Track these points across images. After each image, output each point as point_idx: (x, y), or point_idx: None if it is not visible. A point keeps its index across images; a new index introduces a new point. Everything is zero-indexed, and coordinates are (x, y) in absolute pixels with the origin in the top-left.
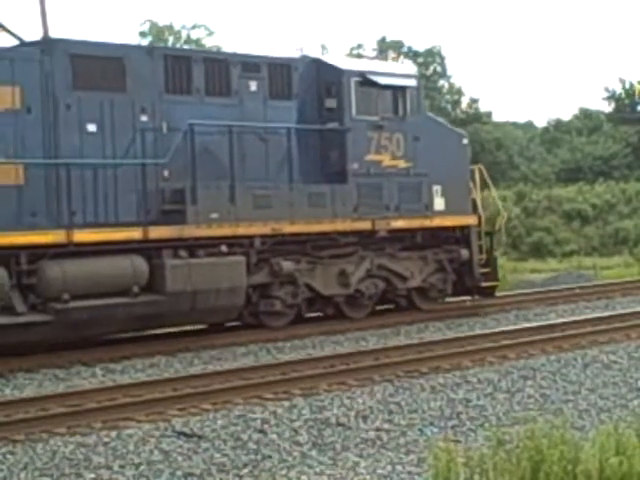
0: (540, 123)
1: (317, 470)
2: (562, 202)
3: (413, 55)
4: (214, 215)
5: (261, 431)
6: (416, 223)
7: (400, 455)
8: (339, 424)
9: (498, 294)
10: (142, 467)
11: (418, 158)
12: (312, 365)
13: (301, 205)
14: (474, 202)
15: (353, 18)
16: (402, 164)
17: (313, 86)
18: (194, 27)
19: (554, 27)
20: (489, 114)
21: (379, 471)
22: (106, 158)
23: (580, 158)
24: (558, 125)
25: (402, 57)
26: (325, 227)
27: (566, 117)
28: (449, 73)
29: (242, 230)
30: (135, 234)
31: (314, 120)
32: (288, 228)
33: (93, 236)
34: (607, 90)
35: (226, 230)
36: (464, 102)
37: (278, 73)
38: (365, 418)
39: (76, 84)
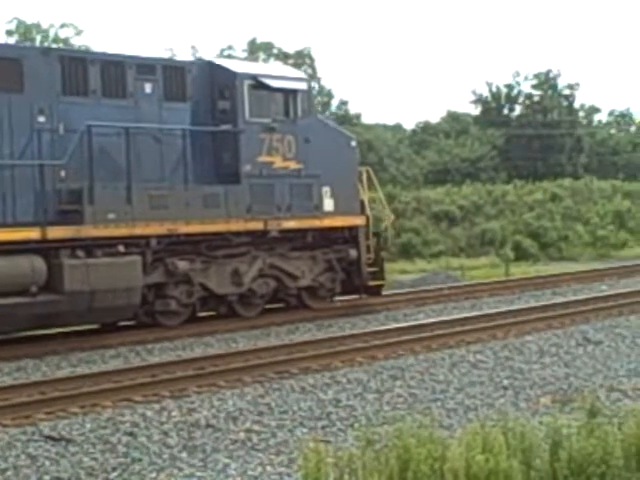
0: (409, 125)
1: (187, 472)
2: (430, 204)
3: (283, 57)
4: (111, 215)
5: (130, 434)
6: (307, 223)
7: (270, 456)
8: (209, 426)
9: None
10: (9, 472)
11: (309, 160)
12: (182, 367)
13: (196, 206)
14: (362, 203)
15: (223, 19)
16: (293, 165)
17: (207, 88)
18: (62, 26)
19: (422, 30)
20: (358, 116)
21: (249, 472)
22: (3, 158)
23: (448, 160)
24: (426, 127)
25: (272, 59)
26: (219, 227)
27: (434, 119)
28: (319, 75)
29: (139, 230)
30: (33, 234)
31: (208, 122)
32: (183, 228)
33: None
34: (474, 93)
35: (123, 230)
36: (334, 104)
37: (172, 75)
38: (235, 419)
39: None
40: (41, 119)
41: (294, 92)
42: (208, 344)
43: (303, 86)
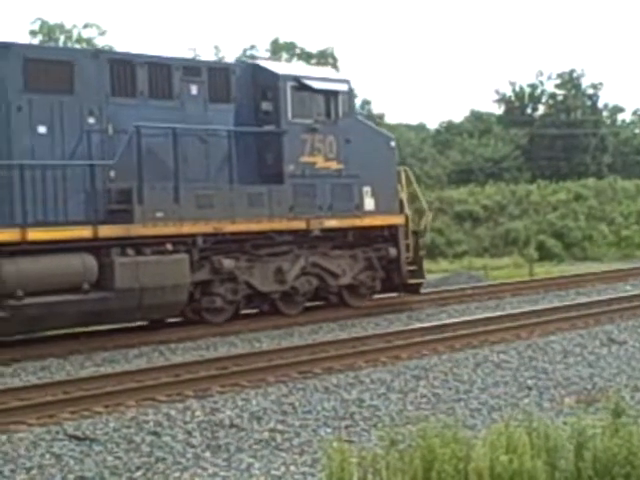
0: (432, 125)
1: (211, 472)
2: (453, 203)
3: (306, 57)
4: (159, 214)
5: (154, 433)
6: (347, 222)
7: (294, 456)
8: (233, 425)
9: (390, 295)
10: (33, 471)
11: (349, 160)
12: (205, 367)
13: (241, 205)
14: (401, 202)
15: (246, 19)
16: (334, 166)
17: (250, 90)
18: (86, 26)
19: (446, 30)
20: (382, 116)
21: (273, 472)
22: (55, 159)
23: (471, 160)
24: (449, 127)
25: (295, 59)
26: (263, 226)
27: (457, 119)
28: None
29: (186, 229)
30: (85, 232)
31: (251, 123)
32: (229, 227)
33: (46, 234)
34: (497, 93)
35: (171, 229)
36: (357, 104)
37: (217, 77)
38: (259, 419)
39: (27, 87)
40: (91, 120)
41: (335, 93)
42: (232, 344)
43: (344, 87)
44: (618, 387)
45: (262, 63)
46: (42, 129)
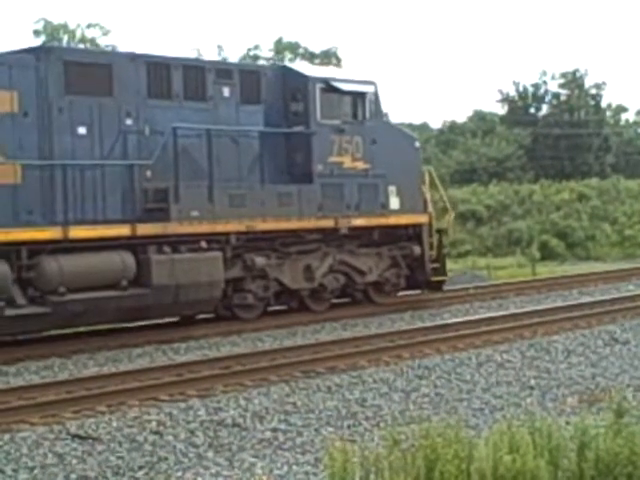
0: (435, 125)
1: (213, 471)
2: (457, 203)
3: (310, 56)
4: (194, 213)
5: (157, 433)
6: (374, 221)
7: (296, 455)
8: (235, 425)
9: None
10: (36, 471)
11: (375, 160)
12: (208, 366)
13: (271, 204)
14: (425, 201)
15: (249, 18)
16: (361, 165)
17: (279, 91)
18: (89, 26)
19: (449, 29)
20: (385, 115)
21: (276, 472)
22: (94, 159)
23: (474, 160)
24: (453, 127)
25: (298, 58)
26: (293, 225)
27: (461, 119)
28: None
29: (220, 227)
30: (124, 231)
31: (280, 124)
32: (260, 225)
33: (87, 232)
34: (501, 93)
35: (205, 227)
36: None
37: (248, 79)
38: (261, 419)
39: (68, 89)
40: (128, 121)
41: (362, 95)
42: (234, 343)
43: (371, 89)
44: (621, 387)
45: (291, 65)
46: (82, 130)
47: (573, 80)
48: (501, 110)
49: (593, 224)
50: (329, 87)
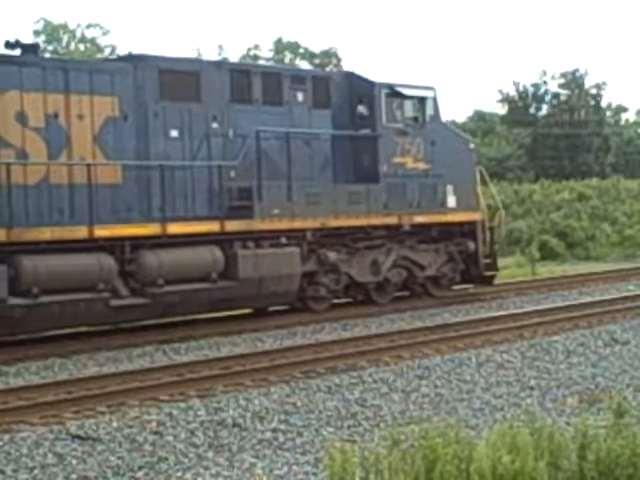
0: None
1: (213, 472)
2: None
3: (309, 56)
4: (275, 211)
5: (157, 433)
6: (434, 218)
7: (296, 455)
8: (235, 425)
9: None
10: (36, 471)
11: (435, 160)
12: (208, 366)
13: (342, 202)
14: (478, 199)
15: (249, 18)
16: (422, 166)
17: (347, 96)
18: (89, 26)
19: (449, 29)
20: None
21: (276, 472)
22: (185, 160)
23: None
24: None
25: (298, 58)
26: (361, 222)
27: (461, 119)
28: None
29: (297, 224)
30: (214, 227)
31: (347, 127)
32: (333, 222)
33: (182, 228)
34: (501, 93)
35: (285, 224)
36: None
37: (319, 85)
38: (261, 419)
39: (162, 95)
40: (214, 125)
41: (423, 99)
42: (234, 343)
43: (431, 94)
44: (621, 387)
45: (358, 72)
46: (174, 133)
47: (573, 80)
48: (501, 110)
49: (593, 224)
50: (393, 92)
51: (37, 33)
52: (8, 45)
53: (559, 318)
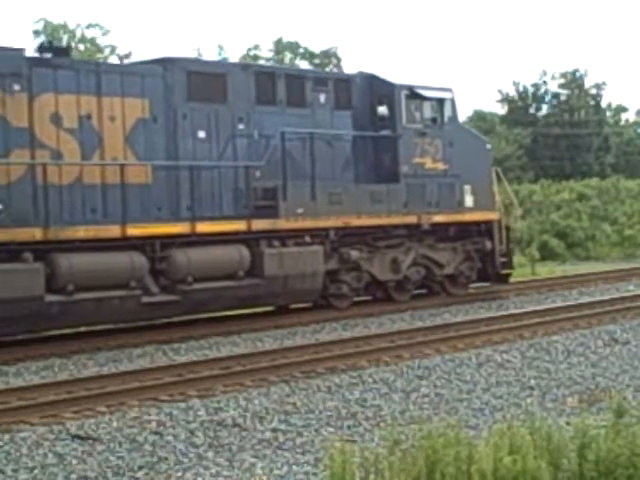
0: None
1: (213, 471)
2: None
3: (309, 56)
4: (300, 210)
5: (157, 433)
6: (452, 218)
7: (296, 455)
8: (235, 425)
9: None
10: (36, 471)
11: (453, 161)
12: (208, 366)
13: (364, 202)
14: (494, 199)
15: (249, 18)
16: (440, 166)
17: (367, 98)
18: (89, 26)
19: (448, 29)
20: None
21: (276, 472)
22: (212, 160)
23: None
24: None
25: (298, 58)
26: (382, 221)
27: (461, 119)
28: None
29: (321, 223)
30: (241, 226)
31: (367, 128)
32: (355, 222)
33: (211, 227)
34: (501, 93)
35: (308, 223)
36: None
37: (341, 87)
38: (261, 419)
39: (190, 97)
40: (240, 126)
41: (441, 101)
42: (234, 343)
43: (449, 96)
44: (621, 387)
45: (379, 74)
46: (202, 134)
47: (573, 80)
48: (501, 110)
49: (593, 224)
50: (413, 94)
51: (37, 33)
52: (42, 48)
53: (559, 318)
